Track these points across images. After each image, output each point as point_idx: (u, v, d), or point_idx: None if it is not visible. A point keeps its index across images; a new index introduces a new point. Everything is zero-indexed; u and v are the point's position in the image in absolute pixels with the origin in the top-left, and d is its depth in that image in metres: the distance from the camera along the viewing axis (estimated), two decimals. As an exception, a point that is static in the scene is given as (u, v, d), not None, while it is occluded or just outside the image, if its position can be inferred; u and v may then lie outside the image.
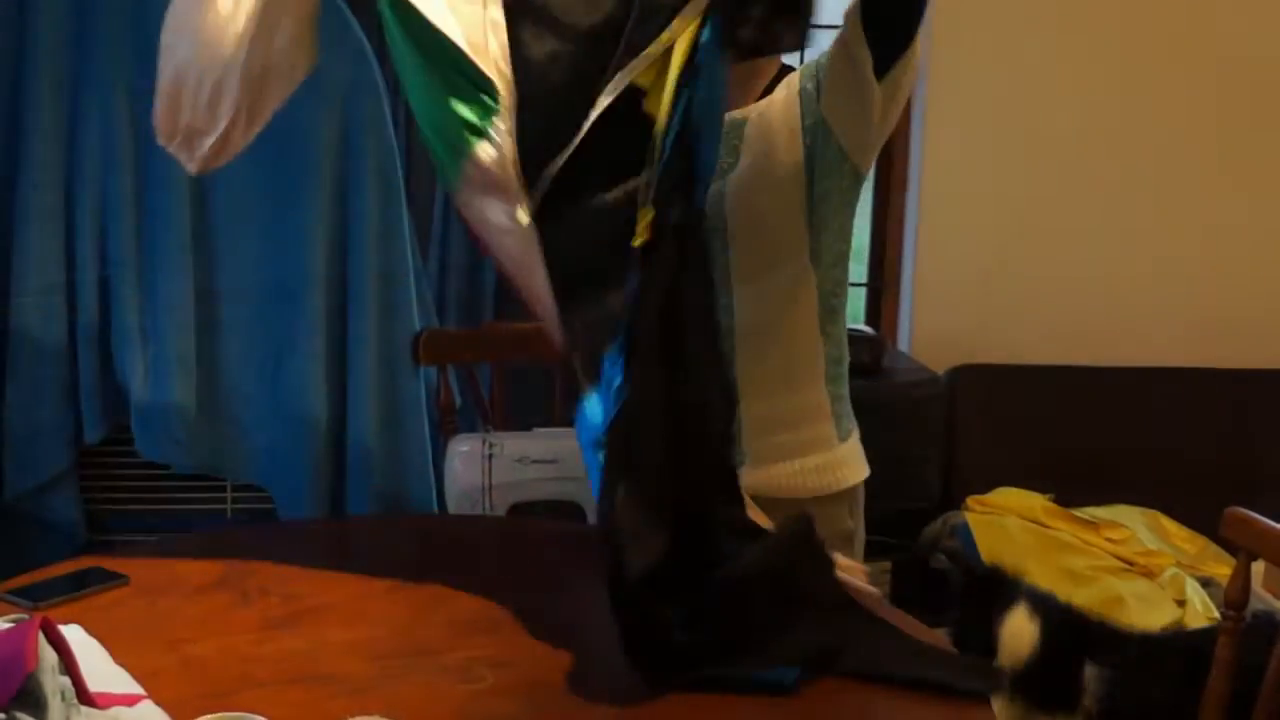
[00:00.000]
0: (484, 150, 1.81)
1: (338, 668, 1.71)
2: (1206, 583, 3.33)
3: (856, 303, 4.26)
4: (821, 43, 2.06)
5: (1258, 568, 2.32)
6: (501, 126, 1.81)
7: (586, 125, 1.78)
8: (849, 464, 2.22)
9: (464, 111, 1.82)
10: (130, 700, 1.46)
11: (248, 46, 1.85)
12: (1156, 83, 4.04)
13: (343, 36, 3.11)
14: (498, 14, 1.83)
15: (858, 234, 4.12)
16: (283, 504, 3.29)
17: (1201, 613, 3.19)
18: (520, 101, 1.81)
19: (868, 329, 3.95)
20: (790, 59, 2.21)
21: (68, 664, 1.37)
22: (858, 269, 4.25)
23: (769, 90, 2.14)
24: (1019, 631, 2.94)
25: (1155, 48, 4.02)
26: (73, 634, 1.47)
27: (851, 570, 1.92)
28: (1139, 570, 3.39)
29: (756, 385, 2.12)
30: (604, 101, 1.77)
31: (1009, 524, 3.50)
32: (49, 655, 1.35)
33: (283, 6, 1.89)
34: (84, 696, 1.38)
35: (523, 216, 1.82)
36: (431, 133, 1.89)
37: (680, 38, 1.77)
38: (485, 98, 1.81)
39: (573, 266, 1.83)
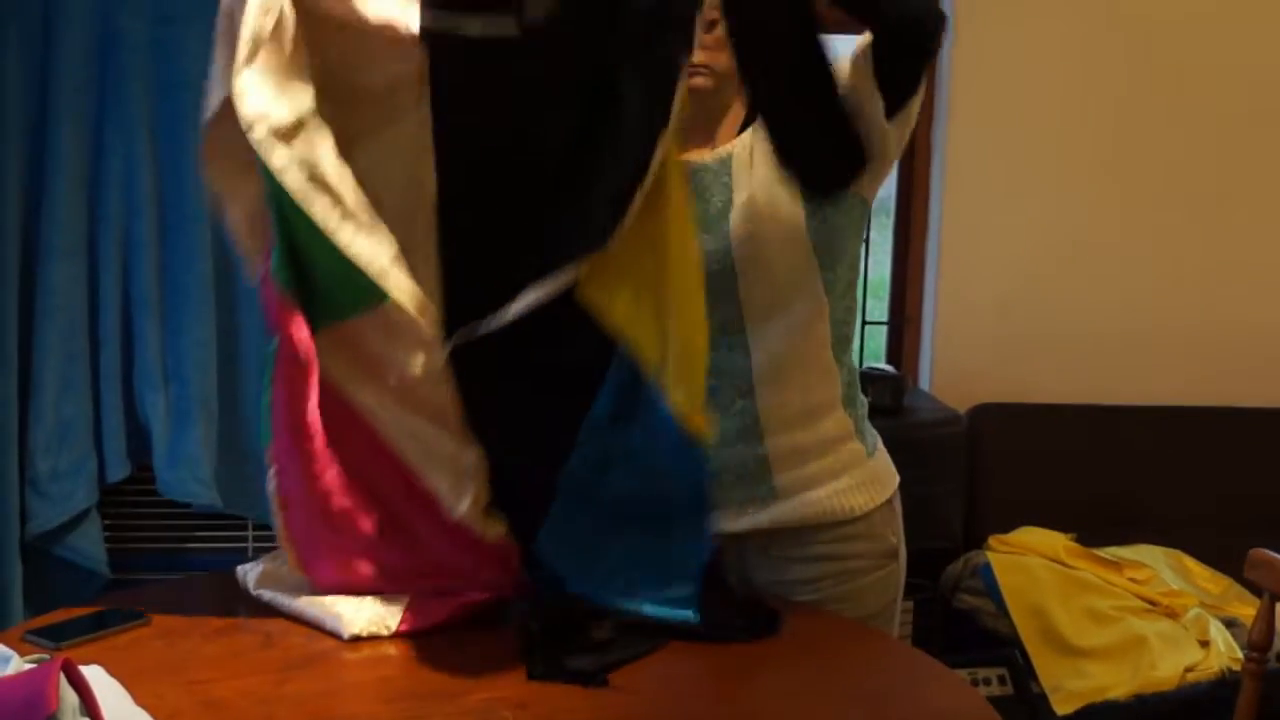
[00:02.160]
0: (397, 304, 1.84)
1: (359, 709, 1.71)
2: (1230, 623, 3.31)
3: (877, 341, 4.26)
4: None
5: (1282, 608, 2.31)
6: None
7: (517, 307, 1.82)
8: (882, 477, 2.22)
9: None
10: (151, 742, 1.46)
11: None
12: (1179, 121, 4.04)
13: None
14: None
15: (878, 270, 4.17)
16: (304, 543, 3.29)
17: (1225, 654, 3.17)
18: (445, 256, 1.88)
19: (888, 368, 3.94)
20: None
21: (89, 705, 1.37)
22: (878, 306, 4.27)
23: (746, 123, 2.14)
24: None
25: (1176, 87, 4.02)
26: (94, 675, 1.47)
27: None
28: (1162, 610, 3.38)
29: (778, 421, 2.11)
30: (535, 293, 1.82)
31: (1031, 564, 3.49)
32: (70, 697, 1.35)
33: None
34: (105, 738, 1.38)
35: (436, 362, 1.88)
36: (333, 267, 1.84)
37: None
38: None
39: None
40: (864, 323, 4.19)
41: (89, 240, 3.18)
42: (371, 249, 1.82)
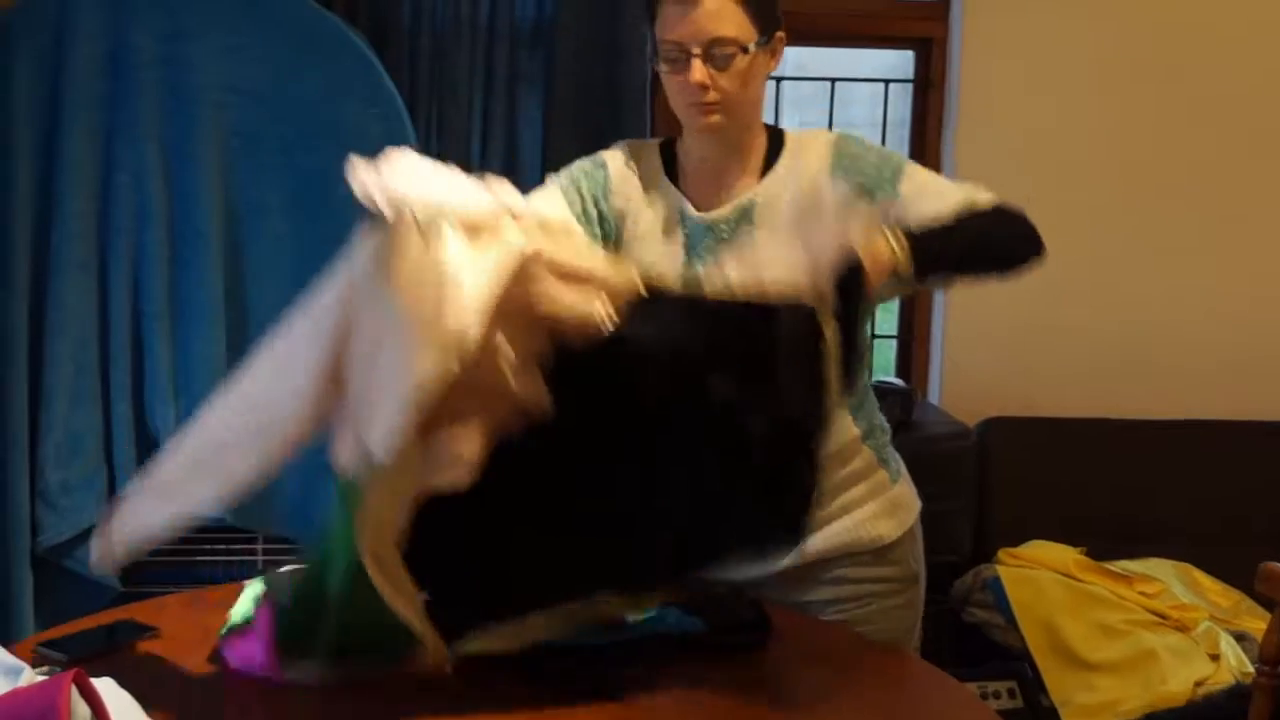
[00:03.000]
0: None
1: (368, 722, 1.71)
2: (1241, 637, 3.30)
3: (886, 355, 4.25)
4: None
5: (1293, 622, 2.31)
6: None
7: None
8: (906, 503, 2.22)
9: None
10: (162, 754, 1.46)
11: None
12: (1188, 135, 4.04)
13: (376, 94, 3.15)
14: None
15: (887, 286, 4.17)
16: (314, 556, 3.29)
17: (1235, 667, 3.16)
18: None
19: (898, 381, 3.94)
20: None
21: (100, 718, 1.38)
22: (888, 320, 4.27)
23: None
24: None
25: (1184, 101, 4.02)
26: (106, 687, 1.47)
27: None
28: (1172, 624, 3.37)
29: None
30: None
31: (1041, 578, 3.48)
32: (82, 709, 1.36)
33: None
34: (116, 750, 1.38)
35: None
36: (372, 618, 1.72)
37: None
38: None
39: None
40: (873, 336, 4.19)
41: (99, 253, 3.18)
42: (415, 613, 1.72)
